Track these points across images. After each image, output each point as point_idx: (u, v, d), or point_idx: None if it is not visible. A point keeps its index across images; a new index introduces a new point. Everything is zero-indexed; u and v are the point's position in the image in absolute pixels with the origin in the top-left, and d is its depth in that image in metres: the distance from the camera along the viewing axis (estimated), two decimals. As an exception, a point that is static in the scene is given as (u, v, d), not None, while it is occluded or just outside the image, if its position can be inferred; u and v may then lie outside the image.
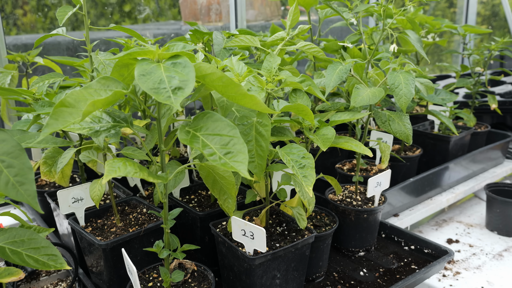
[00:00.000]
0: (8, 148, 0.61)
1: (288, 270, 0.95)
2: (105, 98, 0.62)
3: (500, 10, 3.53)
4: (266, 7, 2.54)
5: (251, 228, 0.86)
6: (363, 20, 2.42)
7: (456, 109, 1.87)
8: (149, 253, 1.03)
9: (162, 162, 0.80)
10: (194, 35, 1.31)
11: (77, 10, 0.91)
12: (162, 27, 2.47)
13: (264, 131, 0.84)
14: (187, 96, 0.62)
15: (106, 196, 1.29)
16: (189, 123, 0.72)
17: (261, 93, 0.85)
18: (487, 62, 1.98)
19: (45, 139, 0.78)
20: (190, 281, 0.90)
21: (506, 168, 1.94)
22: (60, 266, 0.69)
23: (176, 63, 0.65)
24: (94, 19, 2.18)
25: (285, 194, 0.99)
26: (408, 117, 1.17)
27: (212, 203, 1.19)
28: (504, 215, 1.55)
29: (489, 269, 1.34)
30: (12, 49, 1.80)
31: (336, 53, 1.55)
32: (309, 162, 0.84)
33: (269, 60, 0.92)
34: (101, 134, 0.71)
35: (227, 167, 0.65)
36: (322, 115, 1.26)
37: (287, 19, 1.09)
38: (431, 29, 1.88)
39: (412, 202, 1.56)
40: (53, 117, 0.62)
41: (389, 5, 1.23)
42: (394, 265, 1.19)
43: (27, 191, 0.60)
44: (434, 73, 3.31)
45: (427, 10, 3.27)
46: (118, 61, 0.70)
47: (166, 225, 0.82)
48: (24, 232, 0.70)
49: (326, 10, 1.54)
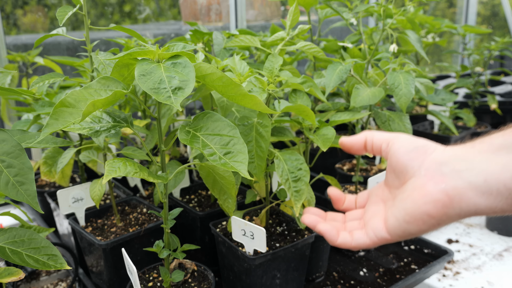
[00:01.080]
0: (8, 148, 0.61)
1: (288, 270, 0.95)
2: (105, 98, 0.62)
3: (500, 10, 3.53)
4: (266, 7, 2.54)
5: (251, 228, 0.86)
6: (363, 20, 2.42)
7: (456, 109, 1.87)
8: (149, 253, 1.03)
9: (162, 162, 0.80)
10: (194, 35, 1.31)
11: (77, 10, 0.91)
12: (162, 27, 2.47)
13: (264, 132, 0.84)
14: (187, 96, 0.62)
15: (106, 196, 1.29)
16: (189, 123, 0.73)
17: (262, 94, 0.85)
18: (487, 62, 1.98)
19: (45, 139, 0.78)
20: (190, 281, 0.90)
21: (506, 168, 1.94)
22: (60, 266, 0.69)
23: (176, 63, 0.65)
24: (94, 19, 2.18)
25: (285, 194, 0.99)
26: (408, 117, 1.17)
27: (212, 203, 1.19)
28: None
29: (489, 269, 1.34)
30: (12, 49, 1.80)
31: (336, 53, 1.55)
32: (304, 175, 0.84)
33: (271, 60, 0.92)
34: (101, 134, 0.71)
35: (227, 167, 0.65)
36: (322, 115, 1.26)
37: (287, 19, 1.09)
38: (431, 29, 1.88)
39: (412, 202, 1.57)
40: (53, 117, 0.62)
41: (389, 5, 1.23)
42: (394, 265, 1.19)
43: (27, 191, 0.60)
44: (434, 73, 3.31)
45: (427, 10, 3.27)
46: (118, 61, 0.70)
47: (166, 225, 0.82)
48: (24, 232, 0.70)
49: (326, 10, 1.54)
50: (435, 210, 0.49)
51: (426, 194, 0.49)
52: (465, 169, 0.48)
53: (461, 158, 0.49)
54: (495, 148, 0.47)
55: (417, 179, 0.51)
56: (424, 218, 0.50)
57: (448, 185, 0.48)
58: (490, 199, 0.46)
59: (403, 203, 0.52)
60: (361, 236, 0.57)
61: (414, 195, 0.51)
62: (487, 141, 0.49)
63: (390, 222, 0.54)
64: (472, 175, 0.47)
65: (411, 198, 0.51)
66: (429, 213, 0.49)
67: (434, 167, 0.50)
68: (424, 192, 0.50)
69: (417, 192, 0.50)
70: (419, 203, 0.50)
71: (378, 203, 0.60)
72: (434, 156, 0.52)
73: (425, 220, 0.50)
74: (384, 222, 0.55)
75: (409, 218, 0.51)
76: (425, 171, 0.51)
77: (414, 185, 0.51)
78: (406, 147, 0.55)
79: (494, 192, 0.46)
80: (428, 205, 0.49)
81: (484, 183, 0.46)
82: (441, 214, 0.49)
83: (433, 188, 0.49)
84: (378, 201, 0.60)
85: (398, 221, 0.52)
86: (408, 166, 0.53)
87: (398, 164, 0.55)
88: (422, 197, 0.50)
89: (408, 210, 0.51)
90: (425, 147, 0.54)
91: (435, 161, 0.51)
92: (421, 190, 0.50)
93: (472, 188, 0.47)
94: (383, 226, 0.55)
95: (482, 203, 0.46)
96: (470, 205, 0.47)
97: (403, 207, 0.52)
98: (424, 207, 0.49)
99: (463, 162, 0.48)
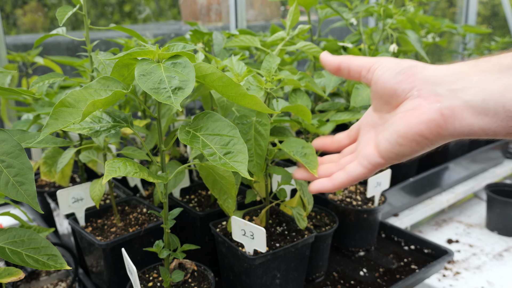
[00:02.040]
0: (8, 148, 0.61)
1: (288, 270, 0.95)
2: (105, 98, 0.62)
3: (500, 10, 3.53)
4: (266, 7, 2.54)
5: (251, 228, 0.86)
6: (363, 20, 2.42)
7: (456, 109, 1.87)
8: (149, 253, 1.03)
9: (162, 162, 0.80)
10: (194, 35, 1.31)
11: (77, 10, 0.91)
12: (162, 27, 2.47)
13: (263, 131, 0.84)
14: (187, 96, 0.62)
15: (106, 196, 1.29)
16: (189, 123, 0.72)
17: (259, 92, 0.85)
18: (487, 62, 1.98)
19: (45, 139, 0.78)
20: (190, 281, 0.90)
21: (506, 168, 1.94)
22: (60, 266, 0.69)
23: (176, 63, 0.65)
24: (94, 19, 2.18)
25: (285, 194, 0.99)
26: (408, 117, 1.17)
27: (212, 203, 1.19)
28: (504, 215, 1.55)
29: (489, 269, 1.34)
30: (12, 49, 1.80)
31: (336, 53, 1.54)
32: (310, 151, 0.83)
33: (269, 60, 0.92)
34: (101, 134, 0.71)
35: (227, 167, 0.65)
36: (322, 115, 1.26)
37: (287, 19, 1.09)
38: (431, 29, 1.88)
39: (412, 202, 1.56)
40: (53, 117, 0.62)
41: (389, 5, 1.23)
42: (394, 265, 1.19)
43: (27, 191, 0.60)
44: (434, 73, 3.30)
45: (427, 10, 3.27)
46: (118, 61, 0.70)
47: (166, 225, 0.82)
48: (24, 232, 0.70)
49: (326, 10, 1.54)
50: (428, 130, 0.47)
51: (420, 115, 0.48)
52: (462, 87, 0.46)
53: (458, 76, 0.47)
54: (501, 68, 0.45)
55: (409, 101, 0.49)
56: (417, 139, 0.48)
57: (443, 104, 0.46)
58: (484, 120, 0.45)
59: (395, 125, 0.50)
60: (355, 168, 0.56)
61: (407, 117, 0.49)
62: (494, 60, 0.46)
63: (382, 146, 0.52)
64: (469, 94, 0.45)
65: (403, 120, 0.49)
66: (422, 134, 0.48)
67: (427, 87, 0.48)
68: (417, 113, 0.48)
69: (410, 113, 0.49)
70: (412, 124, 0.48)
71: (369, 131, 0.58)
72: (425, 75, 0.49)
73: (419, 141, 0.49)
74: (376, 148, 0.54)
75: (401, 140, 0.50)
76: (418, 91, 0.49)
77: (406, 107, 0.50)
78: (392, 71, 0.52)
79: (490, 113, 0.44)
80: (421, 125, 0.47)
81: (482, 102, 0.44)
82: (434, 134, 0.47)
83: (427, 108, 0.47)
84: (369, 129, 0.58)
85: (390, 143, 0.51)
86: (397, 89, 0.51)
87: (386, 89, 0.52)
88: (415, 118, 0.48)
89: (400, 132, 0.49)
90: (412, 68, 0.51)
91: (428, 81, 0.49)
92: (414, 111, 0.48)
93: (467, 107, 0.45)
94: (376, 152, 0.53)
95: (475, 124, 0.45)
96: (464, 125, 0.46)
97: (395, 129, 0.50)
98: (417, 127, 0.48)
99: (460, 81, 0.47)
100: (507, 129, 0.44)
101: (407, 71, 0.50)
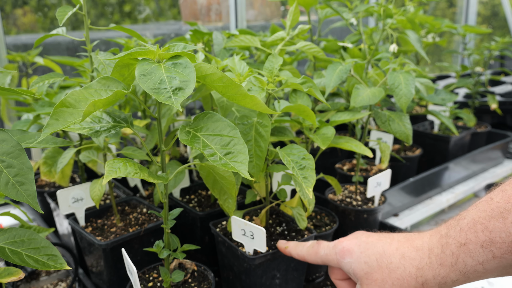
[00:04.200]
0: (8, 148, 0.61)
1: (287, 270, 0.95)
2: (106, 98, 0.62)
3: (500, 10, 3.53)
4: (266, 7, 2.54)
5: (251, 228, 0.86)
6: (363, 20, 2.42)
7: (456, 109, 1.87)
8: (149, 253, 1.03)
9: (162, 162, 0.80)
10: (194, 35, 1.31)
11: (77, 10, 0.91)
12: (162, 27, 2.47)
13: (263, 132, 0.84)
14: (187, 97, 0.62)
15: (106, 196, 1.29)
16: (189, 123, 0.72)
17: (261, 93, 0.85)
18: (487, 62, 1.98)
19: (45, 139, 0.78)
20: (190, 281, 0.90)
21: (506, 168, 1.94)
22: (60, 266, 0.69)
23: (176, 64, 0.65)
24: (94, 19, 2.18)
25: (285, 194, 0.99)
26: (408, 117, 1.17)
27: (212, 203, 1.19)
28: (504, 215, 1.54)
29: (489, 269, 1.34)
30: (12, 49, 1.80)
31: (336, 53, 1.55)
32: (309, 163, 0.84)
33: (271, 60, 0.92)
34: (101, 134, 0.71)
35: (228, 168, 0.65)
36: (322, 115, 1.26)
37: (287, 19, 1.09)
38: (431, 29, 1.88)
39: (412, 202, 1.56)
40: (54, 117, 0.62)
41: (389, 5, 1.23)
42: (394, 265, 1.19)
43: (27, 191, 0.60)
44: (434, 73, 3.31)
45: (427, 10, 3.27)
46: (118, 61, 0.70)
47: (166, 225, 0.82)
48: (24, 232, 0.70)
49: (326, 10, 1.54)
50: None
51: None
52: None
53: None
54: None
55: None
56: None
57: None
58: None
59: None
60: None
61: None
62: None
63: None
64: None
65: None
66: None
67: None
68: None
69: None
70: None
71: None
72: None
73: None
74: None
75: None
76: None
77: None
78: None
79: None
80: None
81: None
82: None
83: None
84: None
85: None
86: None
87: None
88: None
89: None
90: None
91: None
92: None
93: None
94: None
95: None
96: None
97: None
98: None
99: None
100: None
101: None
